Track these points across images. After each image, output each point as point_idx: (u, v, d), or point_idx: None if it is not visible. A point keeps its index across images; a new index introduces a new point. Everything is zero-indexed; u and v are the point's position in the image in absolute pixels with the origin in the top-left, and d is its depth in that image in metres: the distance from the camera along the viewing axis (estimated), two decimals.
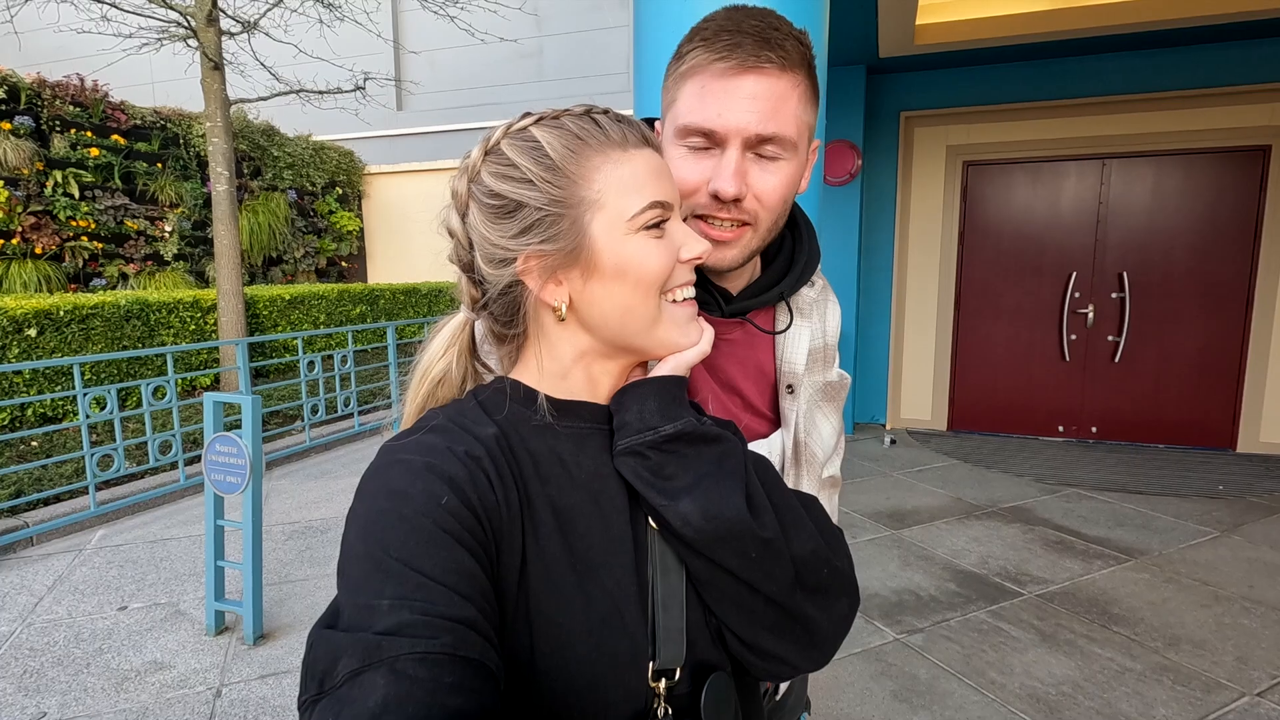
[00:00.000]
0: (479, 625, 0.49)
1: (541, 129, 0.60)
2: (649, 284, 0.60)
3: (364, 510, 0.54)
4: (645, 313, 0.61)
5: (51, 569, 3.15)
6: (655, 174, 0.61)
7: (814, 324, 0.91)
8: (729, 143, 0.71)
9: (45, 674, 2.33)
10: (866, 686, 2.29)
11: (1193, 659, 2.43)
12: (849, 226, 5.30)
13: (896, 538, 3.50)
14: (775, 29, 0.70)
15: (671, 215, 0.62)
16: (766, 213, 0.75)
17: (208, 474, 2.54)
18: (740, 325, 0.86)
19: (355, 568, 0.51)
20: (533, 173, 0.59)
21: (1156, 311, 5.07)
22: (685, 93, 0.72)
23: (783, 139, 0.72)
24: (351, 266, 9.41)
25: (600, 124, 0.60)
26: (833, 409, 0.96)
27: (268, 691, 2.26)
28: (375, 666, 0.45)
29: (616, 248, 0.59)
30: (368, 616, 0.48)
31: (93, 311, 4.86)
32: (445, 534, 0.51)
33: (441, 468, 0.54)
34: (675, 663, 0.60)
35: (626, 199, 0.59)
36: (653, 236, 0.60)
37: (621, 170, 0.59)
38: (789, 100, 0.71)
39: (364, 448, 5.23)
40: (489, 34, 7.39)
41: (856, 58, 4.94)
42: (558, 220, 0.59)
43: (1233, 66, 4.64)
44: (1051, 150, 5.15)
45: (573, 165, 0.59)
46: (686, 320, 0.65)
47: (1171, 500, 4.02)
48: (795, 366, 0.89)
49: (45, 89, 6.00)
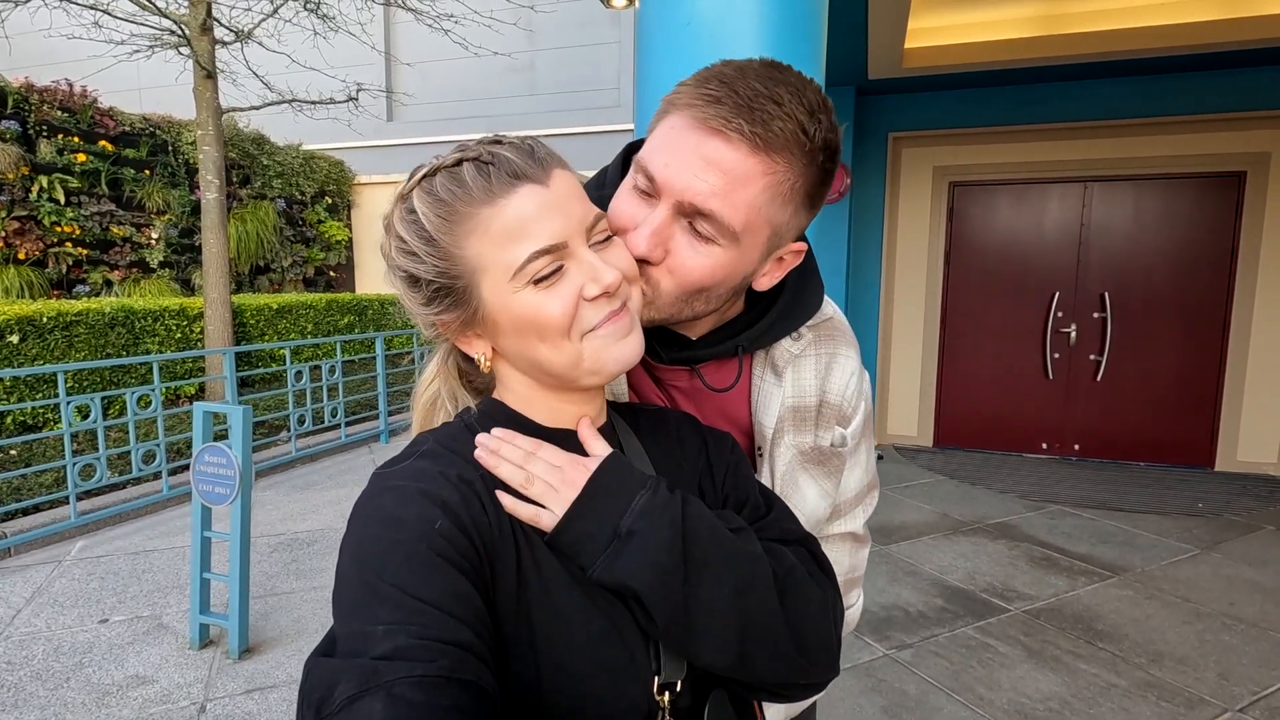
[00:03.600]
0: (475, 648, 0.50)
1: (419, 196, 0.59)
2: (551, 335, 0.58)
3: (357, 537, 0.54)
4: (561, 358, 0.59)
5: (30, 580, 3.09)
6: (534, 217, 0.56)
7: (796, 382, 0.81)
8: (661, 198, 0.63)
9: (24, 689, 2.28)
10: (856, 702, 2.30)
11: (1176, 675, 2.47)
12: (837, 245, 5.36)
13: (884, 553, 3.52)
14: (773, 101, 0.60)
15: (567, 254, 0.57)
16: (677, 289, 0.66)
17: (196, 485, 2.51)
18: (689, 374, 0.79)
19: (350, 594, 0.51)
20: (418, 247, 0.59)
21: (1137, 331, 5.17)
22: (659, 128, 0.66)
23: (720, 222, 0.62)
24: (340, 276, 9.36)
25: (464, 180, 0.57)
26: (822, 473, 0.84)
27: (253, 706, 2.23)
28: (373, 691, 0.45)
29: (510, 307, 0.58)
30: (363, 642, 0.48)
31: (77, 318, 4.80)
32: (439, 558, 0.51)
33: (434, 492, 0.55)
34: (678, 675, 0.61)
35: (506, 255, 0.56)
36: (546, 287, 0.57)
37: (493, 227, 0.56)
38: (749, 185, 0.61)
39: (351, 459, 5.18)
40: (482, 48, 7.43)
41: (846, 79, 5.02)
42: (450, 290, 0.59)
43: (1211, 94, 4.77)
44: (1035, 172, 5.26)
45: (446, 235, 0.57)
46: (614, 338, 0.60)
47: (1153, 517, 4.08)
48: (764, 428, 0.81)
49: (33, 93, 5.95)
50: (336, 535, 3.66)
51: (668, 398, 0.81)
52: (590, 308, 0.59)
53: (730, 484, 0.72)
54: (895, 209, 5.63)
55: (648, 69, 1.61)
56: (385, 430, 5.69)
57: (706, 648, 0.58)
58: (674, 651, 0.60)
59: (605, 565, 0.56)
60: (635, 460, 0.68)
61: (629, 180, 0.68)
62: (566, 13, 8.68)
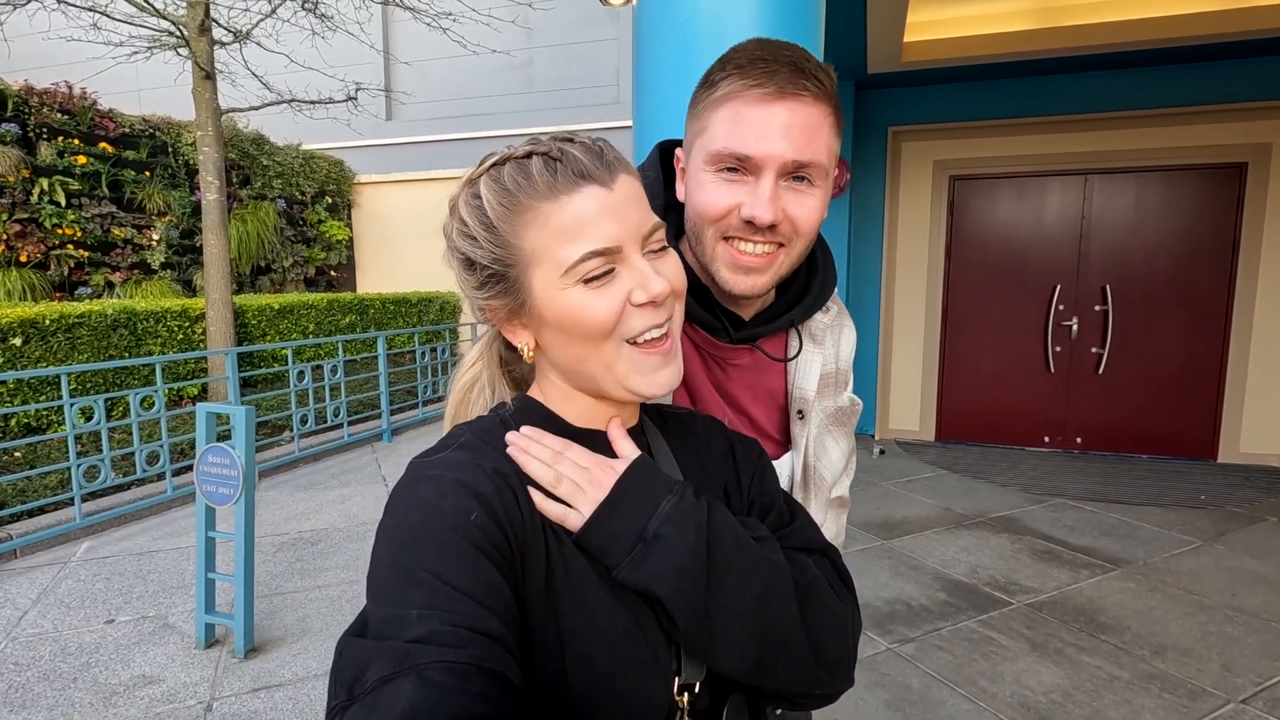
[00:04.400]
0: (504, 639, 0.51)
1: (485, 183, 0.61)
2: (592, 336, 0.59)
3: (394, 523, 0.55)
4: (598, 361, 0.60)
5: (36, 582, 3.10)
6: (593, 218, 0.57)
7: (826, 350, 0.90)
8: (764, 170, 0.71)
9: (31, 689, 2.30)
10: (860, 696, 2.30)
11: (1178, 667, 2.47)
12: (838, 239, 5.36)
13: (887, 548, 3.53)
14: (808, 60, 0.71)
15: (620, 259, 0.59)
16: (800, 238, 0.75)
17: (199, 485, 2.52)
18: (750, 351, 0.85)
19: (385, 579, 0.53)
20: (478, 232, 0.61)
21: (1139, 324, 5.17)
22: (718, 119, 0.72)
23: (816, 166, 0.72)
24: (341, 276, 9.36)
25: (531, 173, 0.58)
26: (843, 433, 0.95)
27: (259, 705, 2.24)
28: (405, 674, 0.46)
29: (556, 302, 0.59)
30: (397, 626, 0.49)
31: (79, 320, 4.81)
32: (473, 548, 0.52)
33: (470, 484, 0.56)
34: (697, 677, 0.62)
35: (559, 252, 0.58)
36: (595, 288, 0.58)
37: (552, 222, 0.58)
38: (822, 129, 0.72)
39: (353, 459, 5.19)
40: (480, 46, 7.42)
41: (845, 73, 5.01)
42: (503, 277, 0.61)
43: (1211, 86, 4.76)
44: (1036, 165, 5.25)
45: (506, 223, 0.59)
46: (652, 366, 0.61)
47: (1155, 510, 4.08)
48: (806, 392, 0.88)
49: (33, 96, 5.95)
50: (340, 535, 3.67)
51: (724, 375, 0.86)
52: (636, 314, 0.59)
53: (756, 490, 0.73)
54: (895, 203, 5.63)
55: (646, 66, 1.61)
56: (388, 429, 5.70)
57: (725, 653, 0.58)
58: (694, 654, 0.61)
59: (630, 567, 0.57)
60: (662, 463, 0.68)
61: (704, 175, 0.74)
62: (564, 10, 8.66)
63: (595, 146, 0.60)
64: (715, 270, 0.77)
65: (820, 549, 0.69)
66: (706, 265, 0.78)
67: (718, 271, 0.77)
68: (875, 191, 5.62)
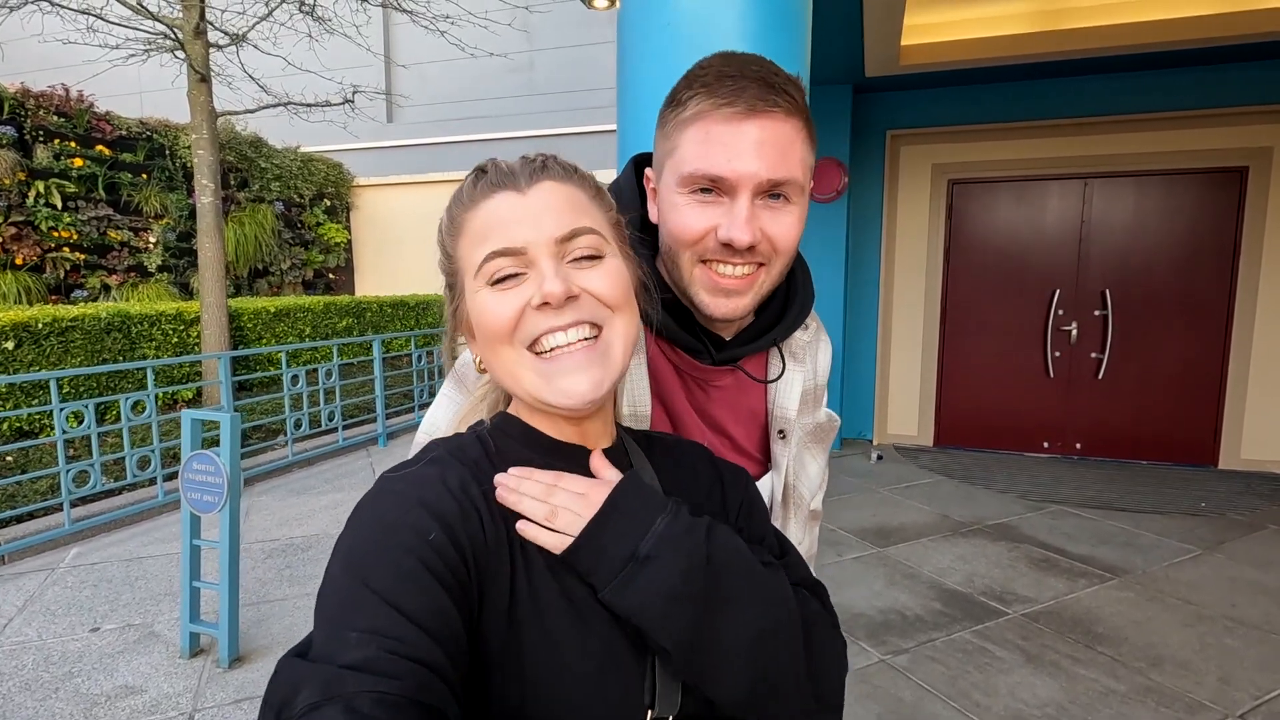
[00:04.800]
0: (444, 671, 0.48)
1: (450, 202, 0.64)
2: (494, 338, 0.60)
3: (350, 539, 0.53)
4: (501, 366, 0.61)
5: (22, 589, 3.08)
6: (500, 222, 0.58)
7: (806, 368, 0.89)
8: (739, 190, 0.69)
9: (12, 699, 2.27)
10: (851, 710, 2.26)
11: (1176, 679, 2.43)
12: (835, 243, 5.33)
13: (882, 555, 3.49)
14: (776, 74, 0.69)
15: (528, 262, 0.58)
16: (779, 256, 0.73)
17: (184, 493, 2.50)
18: (731, 372, 0.84)
19: (333, 596, 0.51)
20: (439, 240, 0.65)
21: (1139, 329, 5.13)
22: (688, 139, 0.70)
23: (792, 183, 0.70)
24: (339, 278, 9.35)
25: (464, 187, 0.62)
26: (820, 449, 0.95)
27: (242, 716, 2.21)
28: (333, 702, 0.44)
29: (472, 306, 0.61)
30: (335, 649, 0.47)
31: (72, 324, 4.80)
32: (427, 571, 0.51)
33: (434, 503, 0.54)
34: (670, 711, 0.59)
35: (473, 255, 0.60)
36: (500, 290, 0.58)
37: (470, 229, 0.61)
38: (795, 144, 0.70)
39: (347, 463, 5.17)
40: (479, 49, 7.41)
41: (843, 77, 4.99)
42: (452, 286, 0.65)
43: (1212, 89, 4.73)
44: (1035, 169, 5.22)
45: (450, 237, 0.63)
46: (556, 373, 0.59)
47: (1155, 517, 4.04)
48: (788, 412, 0.87)
49: (29, 99, 5.95)
50: (331, 541, 3.64)
51: (705, 397, 0.85)
52: (534, 316, 0.58)
53: (744, 520, 0.70)
54: (894, 207, 5.60)
55: (629, 70, 1.59)
56: (383, 434, 5.68)
57: (718, 684, 0.57)
58: (672, 683, 0.59)
59: (617, 589, 0.55)
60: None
61: (676, 197, 0.72)
62: (563, 13, 8.66)
63: (533, 161, 0.62)
64: (694, 294, 0.75)
65: (810, 586, 0.67)
66: (685, 289, 0.76)
67: (696, 295, 0.75)
68: (873, 195, 5.59)
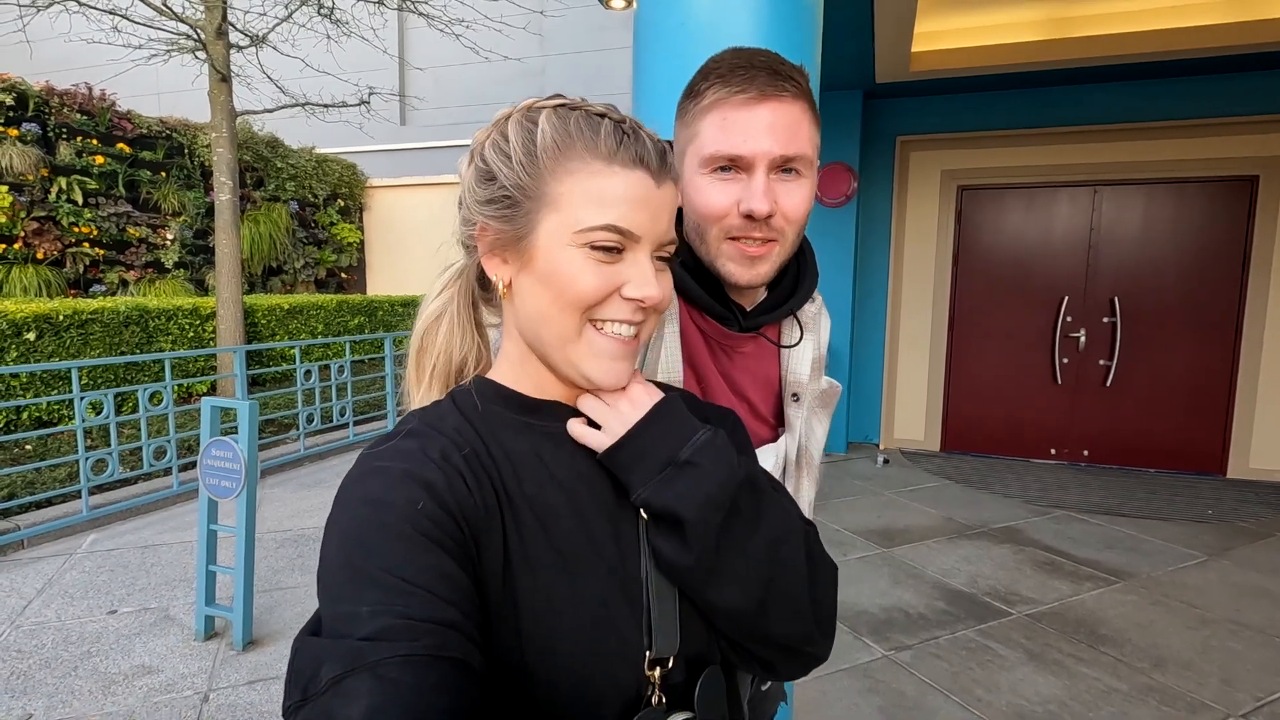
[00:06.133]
0: (461, 626, 0.50)
1: (548, 115, 0.60)
2: (570, 301, 0.58)
3: (343, 519, 0.54)
4: (559, 328, 0.60)
5: (42, 572, 3.14)
6: (629, 200, 0.58)
7: (814, 337, 0.98)
8: (756, 166, 0.76)
9: (33, 676, 2.33)
10: (854, 702, 2.29)
11: (1178, 680, 2.44)
12: (844, 248, 5.36)
13: (887, 556, 3.51)
14: (782, 63, 0.77)
15: (633, 248, 0.59)
16: (792, 227, 0.81)
17: (203, 478, 2.55)
18: (753, 339, 0.92)
19: (336, 576, 0.51)
20: (515, 152, 0.60)
21: (1147, 337, 5.13)
22: (707, 125, 0.78)
23: (802, 158, 0.78)
24: (351, 278, 9.45)
25: (600, 131, 0.59)
26: (826, 414, 1.04)
27: (255, 697, 2.26)
28: (358, 672, 0.45)
29: (553, 252, 0.58)
30: (349, 624, 0.48)
31: (92, 317, 4.89)
32: (424, 539, 0.52)
33: (418, 473, 0.55)
34: (669, 652, 0.61)
35: (584, 210, 0.57)
36: (596, 258, 0.58)
37: (593, 183, 0.58)
38: (803, 124, 0.78)
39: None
40: (493, 52, 7.50)
41: (854, 83, 5.03)
42: (516, 204, 0.60)
43: (1222, 98, 4.74)
44: (1044, 176, 5.24)
45: (550, 159, 0.59)
46: (609, 355, 0.60)
47: (1161, 524, 4.04)
48: (801, 376, 0.96)
49: (54, 97, 6.07)
50: None
51: (729, 362, 0.93)
52: (618, 304, 0.59)
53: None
54: (903, 213, 5.62)
55: (645, 70, 1.63)
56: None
57: (730, 591, 0.59)
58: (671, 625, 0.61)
59: (656, 488, 0.59)
60: None
61: (699, 179, 0.80)
62: (577, 18, 8.74)
63: (661, 145, 0.61)
64: (722, 265, 0.82)
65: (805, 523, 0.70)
66: (713, 261, 0.83)
67: (724, 265, 0.82)
68: (882, 201, 5.62)
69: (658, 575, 0.62)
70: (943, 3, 4.31)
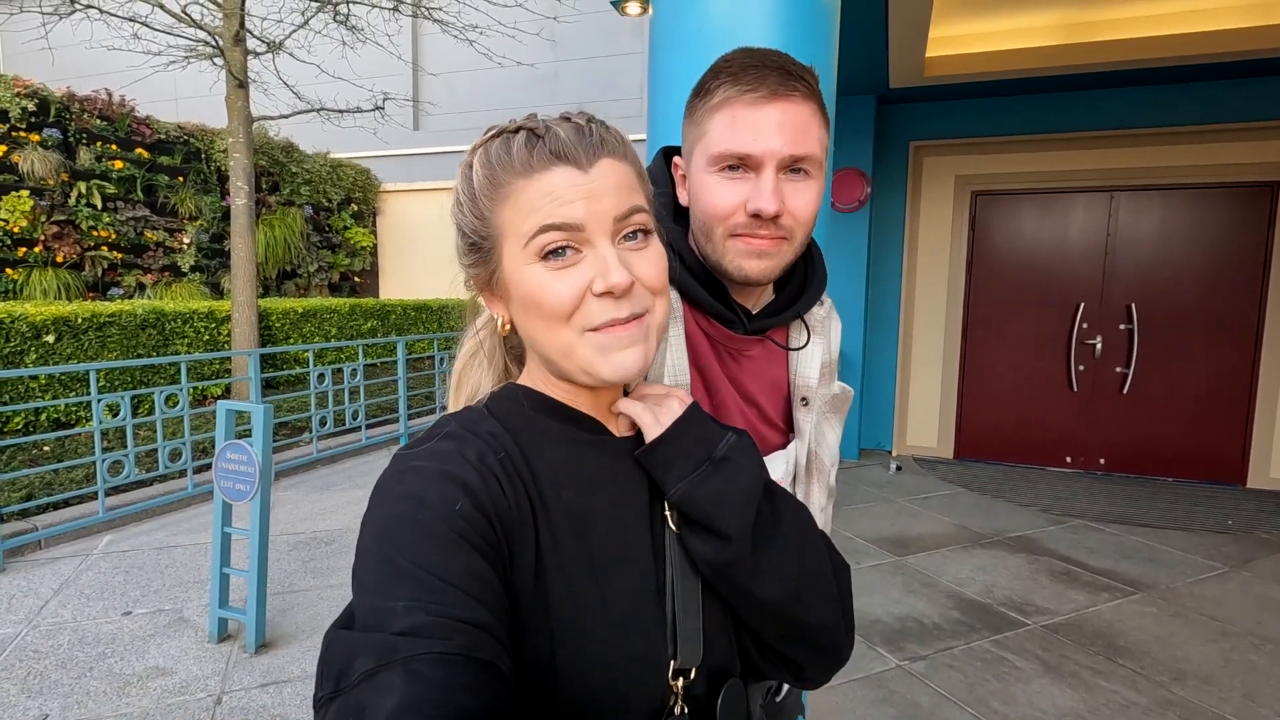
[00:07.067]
0: (492, 628, 0.50)
1: (479, 155, 0.61)
2: (548, 315, 0.58)
3: (380, 516, 0.54)
4: (557, 343, 0.60)
5: (58, 573, 3.17)
6: (555, 197, 0.57)
7: (823, 340, 0.95)
8: (765, 165, 0.75)
9: (49, 676, 2.35)
10: (867, 713, 2.27)
11: (1199, 694, 2.40)
12: (857, 253, 5.34)
13: (900, 564, 3.48)
14: (792, 64, 0.77)
15: (586, 242, 0.58)
16: (800, 227, 0.80)
17: (217, 481, 2.57)
18: (760, 342, 0.90)
19: (371, 571, 0.52)
20: (464, 202, 0.62)
21: (1165, 344, 5.07)
22: (717, 123, 0.77)
23: (811, 158, 0.77)
24: (364, 281, 9.51)
25: (512, 149, 0.59)
26: (838, 420, 1.02)
27: (268, 700, 2.26)
28: (391, 666, 0.45)
29: (518, 276, 0.59)
30: (383, 618, 0.48)
31: (110, 320, 4.94)
32: (460, 539, 0.52)
33: (455, 474, 0.55)
34: (693, 663, 0.61)
35: (524, 224, 0.57)
36: (554, 266, 0.57)
37: (522, 199, 0.58)
38: (813, 124, 0.77)
39: (371, 461, 5.25)
40: (506, 58, 7.54)
41: (867, 88, 5.01)
42: (480, 247, 0.62)
43: (1241, 103, 4.68)
44: (1060, 182, 5.19)
45: (487, 197, 0.60)
46: (614, 347, 0.59)
47: (1179, 534, 3.98)
48: (809, 380, 0.93)
49: (74, 103, 6.16)
50: (354, 536, 3.69)
51: (736, 366, 0.91)
52: (595, 304, 0.58)
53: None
54: (916, 218, 5.59)
55: (660, 74, 1.63)
56: (405, 434, 5.76)
57: (769, 581, 0.62)
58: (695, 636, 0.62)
59: (696, 481, 0.61)
60: None
61: (708, 176, 0.79)
62: (589, 24, 8.78)
63: (587, 127, 0.59)
64: (728, 262, 0.80)
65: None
66: (718, 261, 0.81)
67: (731, 262, 0.80)
68: (896, 206, 5.60)
69: (684, 587, 0.63)
70: (957, 7, 4.29)
